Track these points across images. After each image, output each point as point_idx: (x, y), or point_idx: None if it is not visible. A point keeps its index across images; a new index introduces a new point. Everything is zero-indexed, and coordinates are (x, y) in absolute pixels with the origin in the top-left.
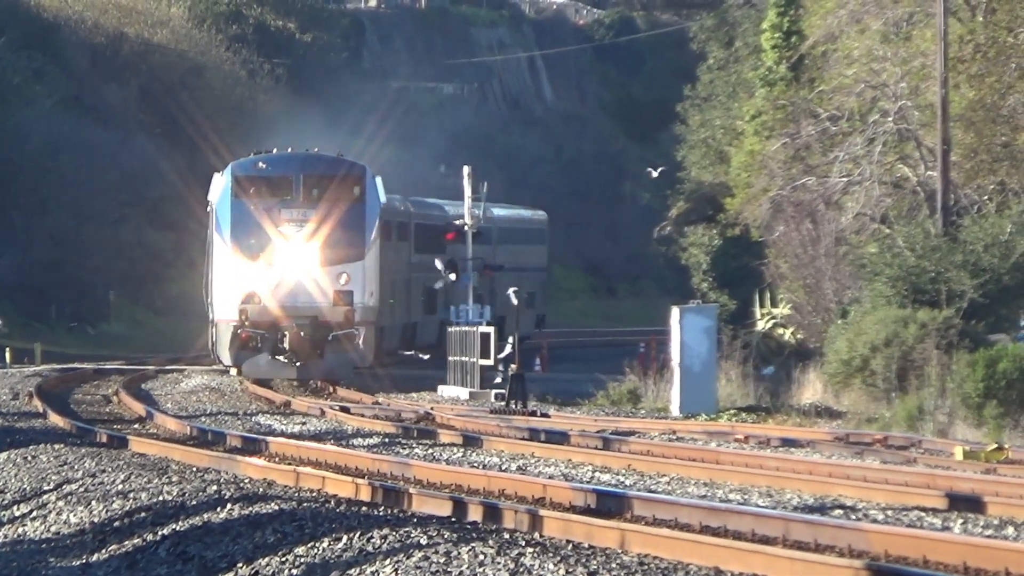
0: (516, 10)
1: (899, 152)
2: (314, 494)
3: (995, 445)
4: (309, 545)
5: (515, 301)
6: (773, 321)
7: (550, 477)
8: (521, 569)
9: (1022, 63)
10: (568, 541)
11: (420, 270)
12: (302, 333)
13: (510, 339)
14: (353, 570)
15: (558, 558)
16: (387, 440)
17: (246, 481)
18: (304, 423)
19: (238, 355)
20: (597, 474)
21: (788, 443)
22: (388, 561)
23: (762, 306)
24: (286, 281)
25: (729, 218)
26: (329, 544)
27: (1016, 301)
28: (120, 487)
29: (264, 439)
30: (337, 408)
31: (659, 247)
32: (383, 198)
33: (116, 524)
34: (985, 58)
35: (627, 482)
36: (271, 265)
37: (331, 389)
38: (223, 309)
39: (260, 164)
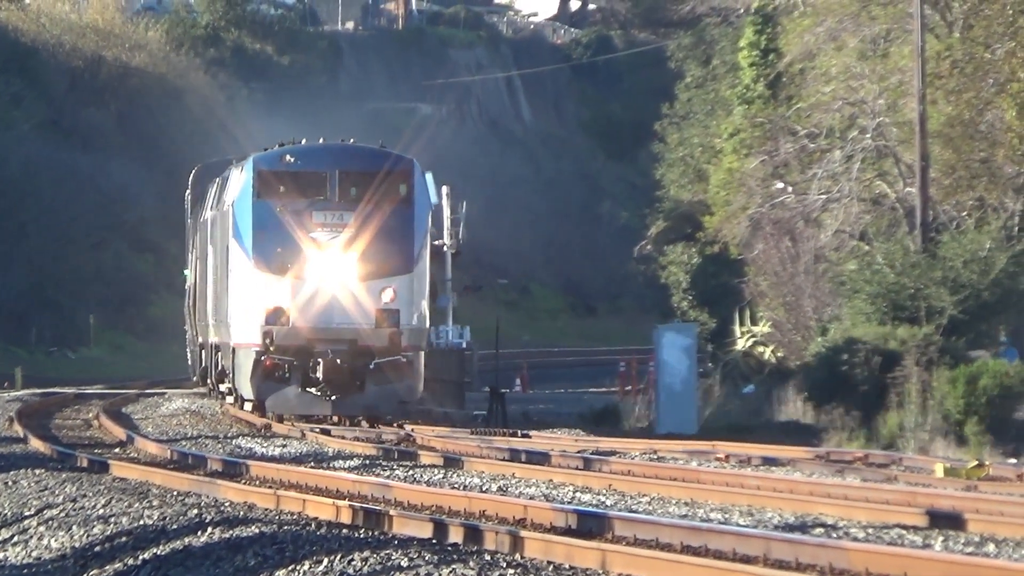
0: (493, 30)
1: (877, 169)
2: (295, 517)
3: (976, 462)
4: (290, 568)
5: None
6: (753, 339)
7: (531, 498)
8: None
9: (999, 79)
10: (549, 562)
11: None
12: (338, 360)
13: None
14: None
15: None
16: (368, 462)
17: (227, 505)
18: (285, 445)
19: (262, 387)
20: (578, 494)
21: (769, 461)
22: None
23: (742, 324)
24: (319, 298)
25: (708, 236)
26: (310, 567)
27: (996, 317)
28: (101, 512)
29: (245, 462)
30: (318, 430)
31: (638, 266)
32: (435, 198)
33: (97, 549)
34: (963, 74)
35: (608, 502)
36: (301, 279)
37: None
38: (242, 331)
39: (287, 157)
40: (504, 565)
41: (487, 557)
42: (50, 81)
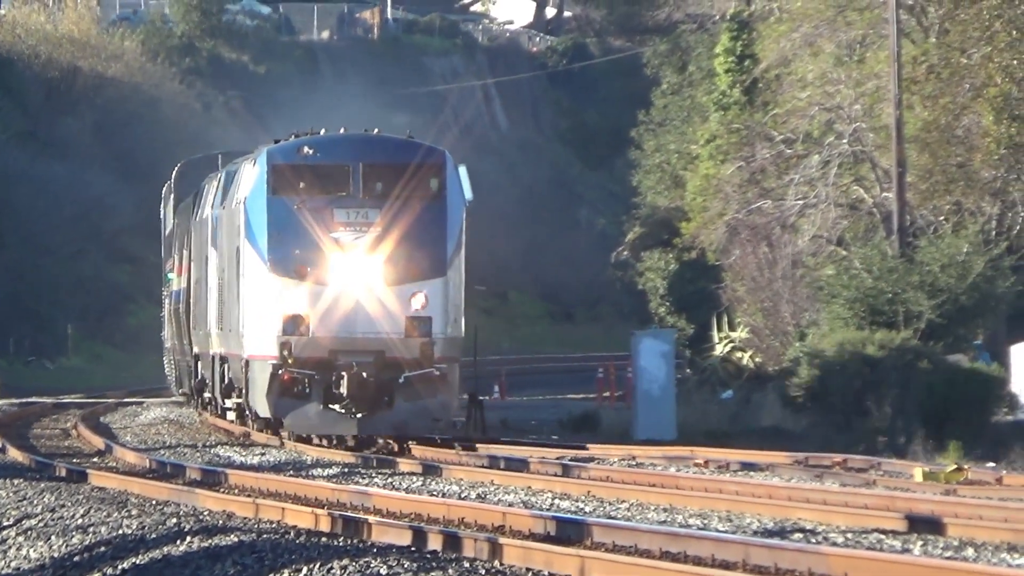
0: (469, 39)
1: (854, 174)
2: (274, 525)
3: (955, 466)
4: None
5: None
6: (731, 345)
7: (510, 505)
8: None
9: (976, 83)
10: (528, 569)
11: None
12: (364, 374)
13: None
14: None
15: None
16: (347, 470)
17: (206, 513)
18: (263, 454)
19: (279, 404)
20: (557, 501)
21: (747, 467)
22: None
23: (720, 330)
24: (342, 305)
25: (685, 242)
26: (290, 575)
27: (973, 321)
28: (80, 521)
29: (223, 471)
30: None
31: (616, 272)
32: (469, 193)
33: (76, 559)
34: (939, 79)
35: (587, 509)
36: (321, 284)
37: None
38: (256, 342)
39: (305, 149)
40: (483, 572)
41: (466, 564)
42: (26, 92)
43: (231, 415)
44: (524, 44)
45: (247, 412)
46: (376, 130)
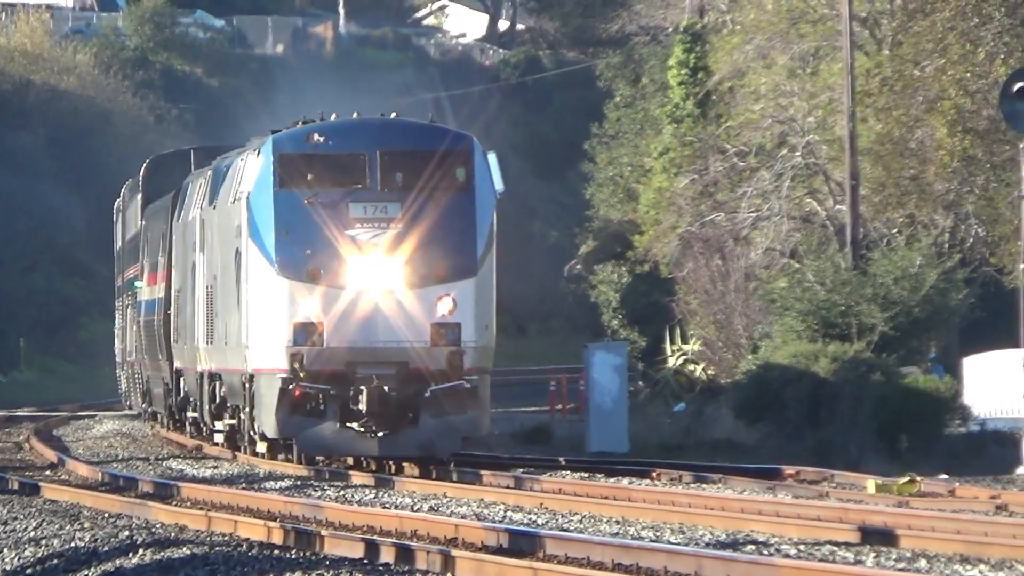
0: (421, 52)
1: (807, 187)
2: (226, 538)
3: (907, 478)
4: None
5: None
6: (684, 357)
7: (462, 517)
8: None
9: (929, 96)
10: None
11: None
12: (385, 388)
13: None
14: None
15: None
16: (299, 483)
17: (158, 526)
18: (216, 467)
19: (289, 423)
20: (510, 513)
21: (700, 479)
22: None
23: (672, 343)
24: (359, 310)
25: (638, 255)
26: None
27: (926, 333)
28: (32, 534)
29: (176, 484)
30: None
31: (568, 285)
32: (500, 184)
33: (29, 571)
34: (892, 91)
35: (539, 521)
36: (336, 287)
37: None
38: (263, 353)
39: (316, 137)
40: None
41: None
42: None
43: (218, 437)
44: (477, 57)
45: (247, 435)
46: (394, 114)
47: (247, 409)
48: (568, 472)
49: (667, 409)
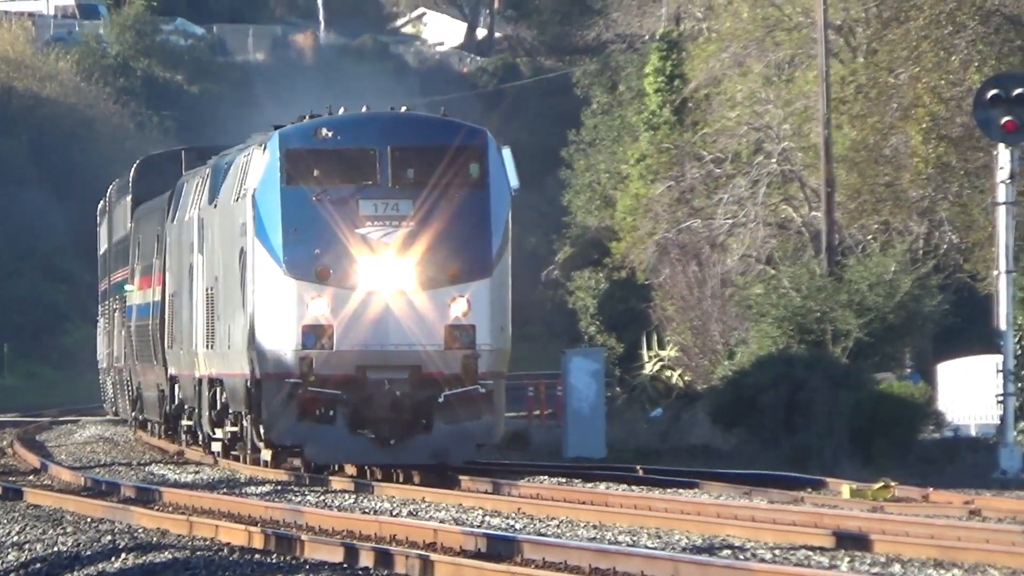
0: (400, 61)
1: (783, 193)
2: (208, 542)
3: (882, 483)
4: None
5: None
6: (661, 363)
7: (441, 522)
8: None
9: (903, 103)
10: None
11: None
12: (397, 392)
13: None
14: None
15: None
16: (280, 487)
17: (140, 531)
18: (197, 472)
19: (297, 429)
20: (488, 518)
21: (678, 484)
22: None
23: (649, 348)
24: (370, 312)
25: (615, 262)
26: None
27: (901, 340)
28: (15, 538)
29: (158, 489)
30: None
31: (546, 291)
32: (515, 180)
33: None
34: (867, 99)
35: (517, 525)
36: (346, 288)
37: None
38: (270, 357)
39: (324, 131)
40: None
41: None
42: None
43: (215, 446)
44: (455, 65)
45: (250, 442)
46: (404, 107)
47: (252, 415)
48: (546, 477)
49: (644, 415)
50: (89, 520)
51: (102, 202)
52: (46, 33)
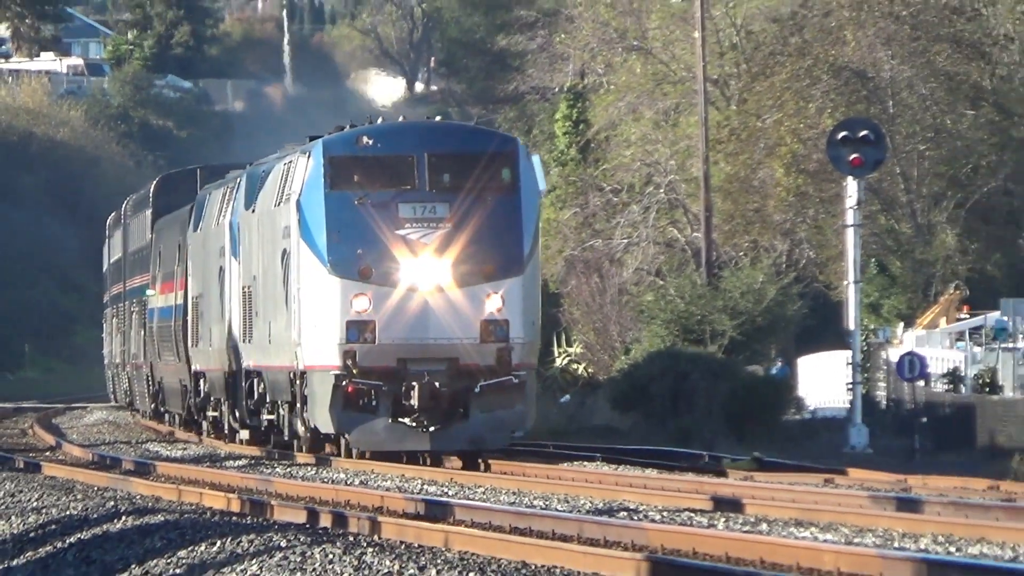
0: (355, 109)
1: (670, 217)
2: (194, 507)
3: (753, 456)
4: (190, 549)
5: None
6: (568, 358)
7: (387, 490)
8: (363, 565)
9: (769, 143)
10: (402, 542)
11: None
12: (436, 384)
13: None
14: (226, 568)
15: (394, 556)
16: (253, 462)
17: (138, 497)
18: (185, 448)
19: (343, 418)
20: (426, 486)
21: (582, 458)
22: (254, 561)
23: (559, 346)
24: (410, 308)
25: None
26: (206, 548)
27: (768, 338)
28: (34, 504)
29: (152, 463)
30: (212, 436)
31: None
32: (543, 184)
33: (31, 535)
34: (739, 139)
35: (450, 492)
36: (388, 285)
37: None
38: (315, 351)
39: (365, 139)
40: (365, 545)
41: (351, 538)
42: None
43: (243, 434)
44: (400, 111)
45: (287, 429)
46: (439, 117)
47: (297, 405)
48: None
49: (555, 401)
50: (96, 488)
51: (112, 216)
52: (60, 88)
